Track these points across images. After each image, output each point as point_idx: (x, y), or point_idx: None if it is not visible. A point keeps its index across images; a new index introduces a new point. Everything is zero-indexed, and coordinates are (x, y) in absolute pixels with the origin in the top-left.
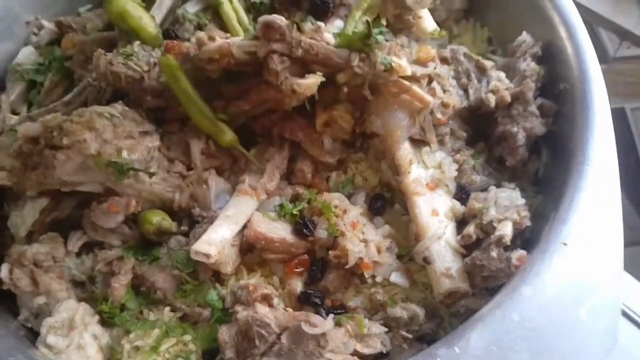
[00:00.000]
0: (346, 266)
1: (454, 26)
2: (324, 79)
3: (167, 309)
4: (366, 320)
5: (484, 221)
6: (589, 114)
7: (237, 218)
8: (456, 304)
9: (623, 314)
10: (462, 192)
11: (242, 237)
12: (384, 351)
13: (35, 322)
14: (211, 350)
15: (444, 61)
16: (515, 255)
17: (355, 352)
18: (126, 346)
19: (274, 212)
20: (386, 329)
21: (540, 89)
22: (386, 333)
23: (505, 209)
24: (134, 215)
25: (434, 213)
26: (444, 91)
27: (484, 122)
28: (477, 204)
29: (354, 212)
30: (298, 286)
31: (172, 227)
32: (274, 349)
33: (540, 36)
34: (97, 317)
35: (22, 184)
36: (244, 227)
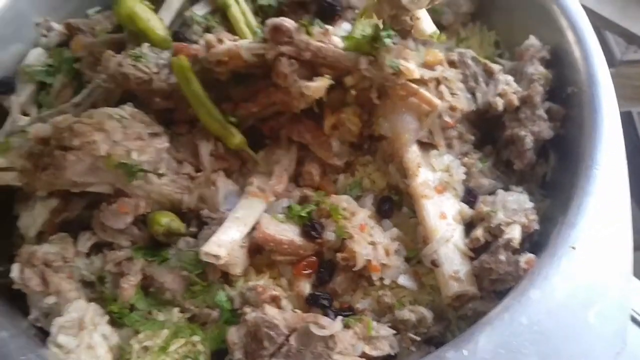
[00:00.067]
0: (354, 268)
1: (461, 29)
2: (332, 82)
3: (176, 309)
4: (374, 323)
5: (492, 224)
6: (598, 117)
7: (246, 220)
8: (464, 306)
9: (632, 319)
10: (470, 196)
11: (251, 238)
12: (392, 353)
13: (45, 321)
14: (220, 351)
15: (451, 64)
16: (523, 259)
17: (363, 354)
18: (135, 346)
19: (282, 214)
20: (394, 331)
21: (549, 92)
22: (394, 335)
23: (513, 212)
24: (143, 216)
25: (442, 216)
26: (452, 94)
27: (491, 125)
28: (485, 207)
29: (362, 214)
30: (306, 288)
31: (181, 228)
32: (282, 350)
33: (548, 40)
34: (106, 317)
35: (32, 184)
36: (253, 228)
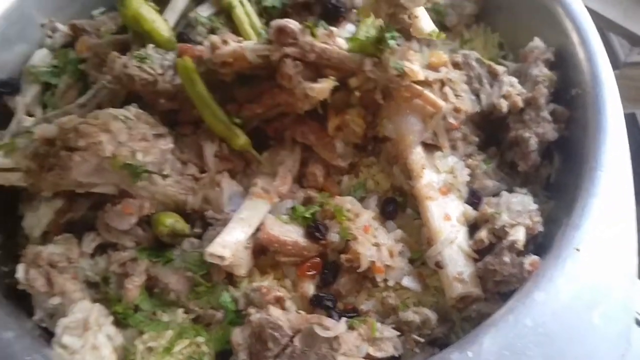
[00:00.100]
0: (358, 270)
1: (465, 31)
2: (337, 84)
3: (181, 310)
4: (378, 324)
5: (496, 226)
6: (602, 119)
7: (251, 221)
8: (468, 308)
9: (636, 322)
10: (474, 197)
11: (255, 239)
12: (396, 355)
13: (49, 322)
14: (224, 352)
15: (455, 66)
16: (528, 261)
17: (367, 355)
18: (140, 347)
19: (286, 215)
20: (398, 333)
21: (553, 94)
22: (398, 337)
23: (517, 214)
24: (148, 217)
25: (446, 218)
26: (456, 96)
27: (495, 127)
28: (489, 209)
29: (366, 216)
30: (310, 289)
31: (186, 229)
32: (286, 351)
33: (552, 41)
34: (111, 317)
35: (37, 185)
36: (257, 229)
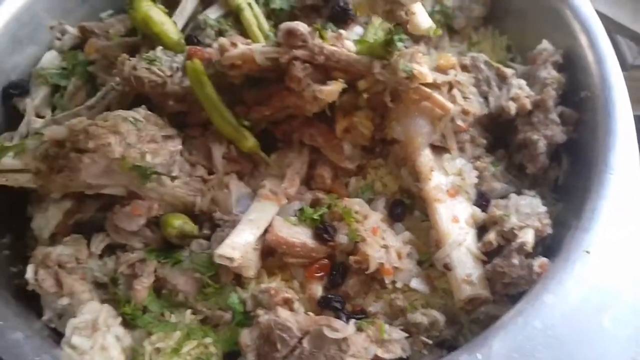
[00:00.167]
0: (367, 272)
1: (473, 34)
2: (345, 86)
3: (189, 311)
4: (386, 326)
5: (505, 228)
6: (611, 121)
7: (259, 222)
8: (476, 310)
9: None
10: (483, 199)
11: (264, 241)
12: (404, 356)
13: (58, 322)
14: (232, 353)
15: (464, 68)
16: (537, 263)
17: (375, 357)
18: (148, 348)
19: (294, 216)
20: (406, 335)
21: (561, 96)
22: (406, 338)
23: (526, 216)
24: (156, 218)
25: (455, 220)
26: (465, 98)
27: (503, 129)
28: (497, 211)
29: (375, 217)
30: (318, 291)
31: (194, 230)
32: (295, 352)
33: (561, 44)
34: (119, 318)
35: (47, 186)
36: (265, 231)
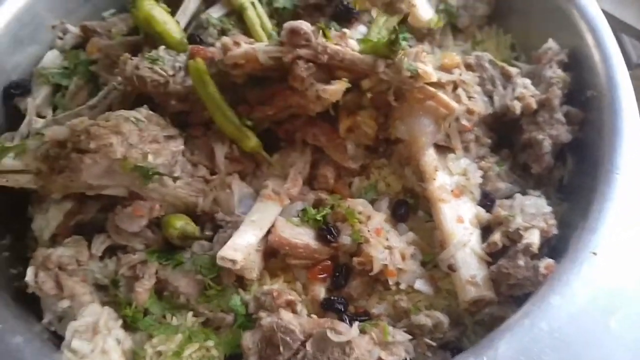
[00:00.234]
0: (371, 273)
1: (477, 32)
2: (349, 85)
3: (190, 313)
4: (390, 328)
5: (510, 229)
6: (618, 121)
7: (262, 223)
8: (481, 311)
9: None
10: (487, 199)
11: (266, 242)
12: (407, 358)
13: (59, 325)
14: (234, 355)
15: (468, 67)
16: (543, 264)
17: (379, 359)
18: (149, 351)
19: (297, 217)
20: (410, 337)
21: (567, 96)
22: (410, 341)
23: (531, 216)
24: (157, 219)
25: (459, 220)
26: (469, 98)
27: (508, 128)
28: (502, 211)
29: (378, 218)
30: (321, 292)
31: (196, 231)
32: (298, 356)
33: (566, 43)
34: (120, 321)
35: (48, 187)
36: (268, 232)
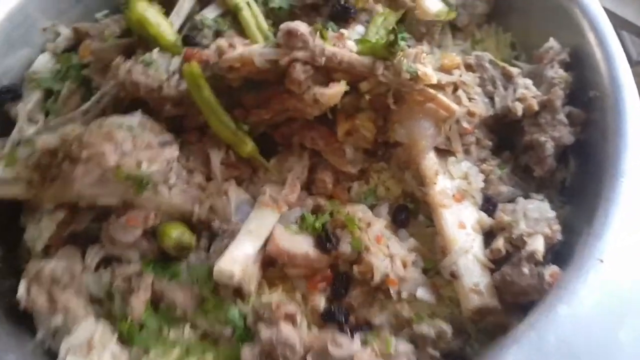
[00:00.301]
0: (372, 283)
1: (476, 31)
2: (347, 88)
3: (187, 326)
4: (393, 339)
5: (513, 235)
6: (622, 123)
7: (259, 232)
8: (484, 320)
9: None
10: (489, 204)
11: (264, 251)
12: None
13: (53, 341)
14: None
15: (468, 68)
16: (548, 272)
17: None
18: None
19: (295, 224)
20: (413, 347)
21: (569, 96)
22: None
23: (535, 222)
24: (152, 228)
25: (461, 226)
26: (470, 99)
27: (509, 130)
28: (505, 217)
29: (378, 225)
30: (321, 302)
31: (192, 242)
32: None
33: (568, 42)
34: (116, 335)
35: (39, 196)
36: (266, 240)
